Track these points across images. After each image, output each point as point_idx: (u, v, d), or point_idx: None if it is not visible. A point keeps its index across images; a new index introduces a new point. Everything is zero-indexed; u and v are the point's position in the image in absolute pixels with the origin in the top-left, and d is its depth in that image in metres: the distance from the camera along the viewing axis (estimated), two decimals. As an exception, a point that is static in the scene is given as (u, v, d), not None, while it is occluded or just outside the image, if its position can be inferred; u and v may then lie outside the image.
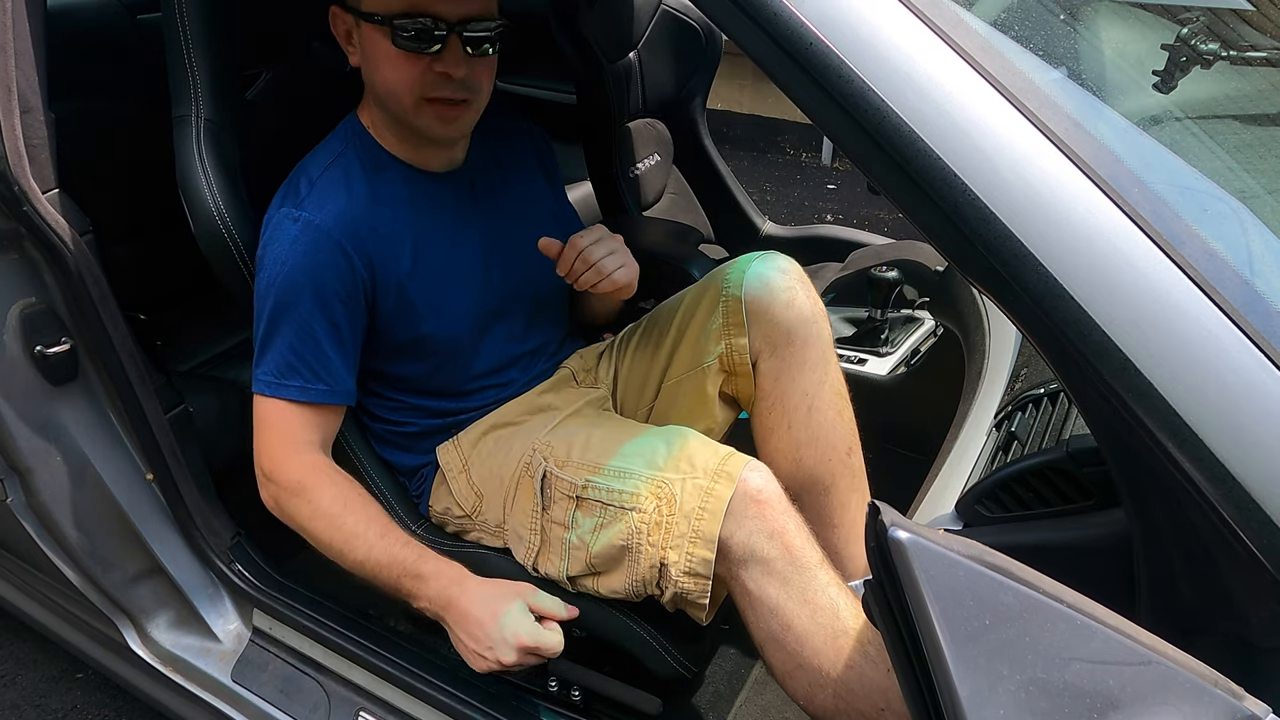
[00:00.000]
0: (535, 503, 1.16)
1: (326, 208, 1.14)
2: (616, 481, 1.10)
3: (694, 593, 1.06)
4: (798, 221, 3.33)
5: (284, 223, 1.14)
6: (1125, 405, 0.68)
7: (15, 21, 1.16)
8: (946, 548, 0.58)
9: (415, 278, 1.20)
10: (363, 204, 1.17)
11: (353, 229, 1.15)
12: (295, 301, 1.13)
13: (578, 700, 1.21)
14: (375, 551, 1.12)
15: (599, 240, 1.22)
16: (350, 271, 1.15)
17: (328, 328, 1.15)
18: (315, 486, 1.15)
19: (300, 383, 1.14)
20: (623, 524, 1.07)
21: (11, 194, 1.17)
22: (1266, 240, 0.83)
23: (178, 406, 1.37)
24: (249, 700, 1.39)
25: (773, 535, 1.04)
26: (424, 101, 1.13)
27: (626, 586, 1.10)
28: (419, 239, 1.21)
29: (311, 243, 1.12)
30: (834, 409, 1.25)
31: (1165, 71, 1.10)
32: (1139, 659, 0.58)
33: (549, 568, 1.16)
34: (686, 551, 1.04)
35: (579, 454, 1.15)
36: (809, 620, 1.03)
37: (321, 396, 1.16)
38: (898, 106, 0.70)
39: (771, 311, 1.23)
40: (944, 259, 0.90)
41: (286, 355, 1.14)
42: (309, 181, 1.17)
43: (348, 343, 1.17)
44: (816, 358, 1.24)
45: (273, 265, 1.13)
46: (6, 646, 1.89)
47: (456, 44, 1.10)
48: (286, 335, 1.14)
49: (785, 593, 1.04)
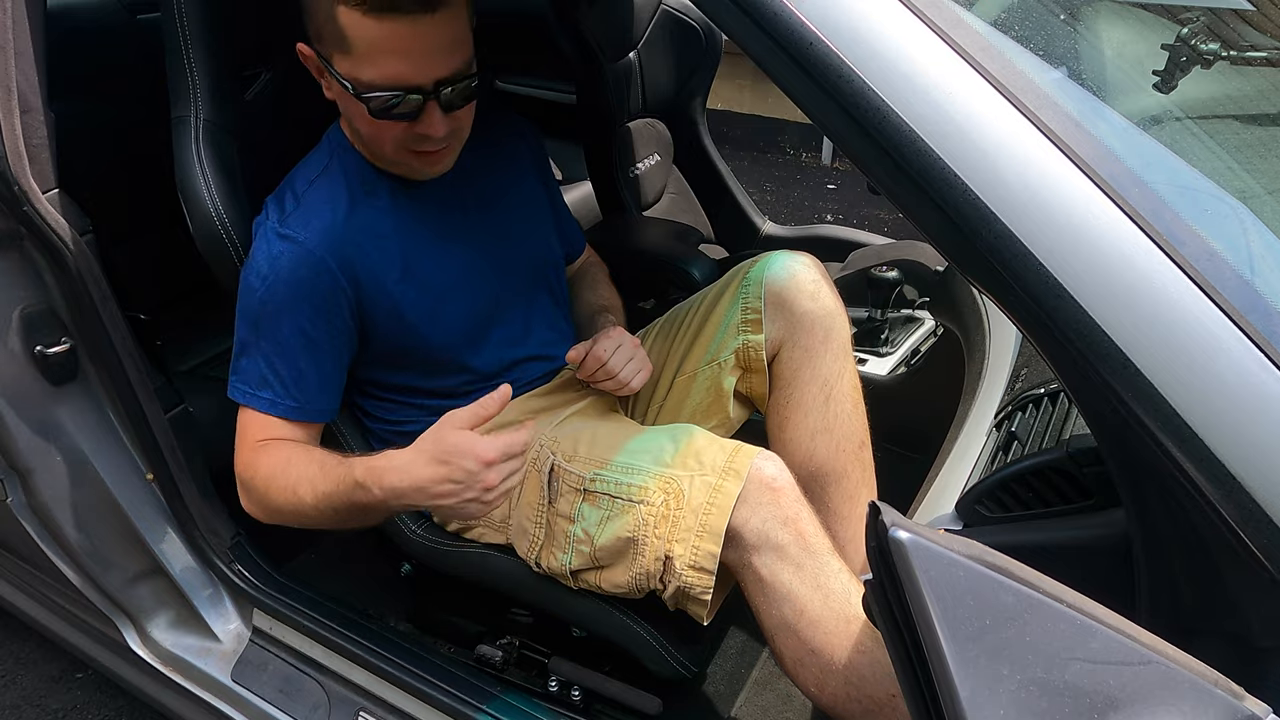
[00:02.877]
0: (541, 496, 1.16)
1: (311, 225, 1.13)
2: (624, 475, 1.10)
3: (697, 588, 1.06)
4: (798, 221, 3.33)
5: (269, 237, 1.13)
6: (1125, 405, 0.68)
7: (15, 21, 1.16)
8: (947, 548, 0.58)
9: (405, 288, 1.19)
10: (348, 218, 1.15)
11: (338, 245, 1.13)
12: (274, 317, 1.12)
13: (578, 700, 1.22)
14: (320, 485, 1.06)
15: (620, 347, 1.25)
16: (333, 288, 1.13)
17: (306, 345, 1.13)
18: (265, 461, 1.12)
19: (271, 396, 1.14)
20: (629, 516, 1.08)
21: (11, 194, 1.17)
22: (1266, 240, 0.83)
23: (178, 406, 1.37)
24: (249, 700, 1.39)
25: (786, 522, 1.05)
26: (405, 152, 1.12)
27: (629, 580, 1.10)
28: (407, 249, 1.19)
29: (295, 260, 1.11)
30: (851, 401, 1.27)
31: (1165, 71, 1.10)
32: (1139, 659, 0.58)
33: (552, 561, 1.16)
34: (693, 545, 1.05)
35: (586, 449, 1.16)
36: (822, 606, 1.04)
37: (290, 413, 1.15)
38: (898, 106, 0.70)
39: (797, 302, 1.25)
40: (944, 259, 0.90)
41: (261, 368, 1.13)
42: (294, 197, 1.16)
43: (326, 361, 1.16)
44: (838, 349, 1.27)
45: (255, 279, 1.12)
46: (6, 646, 1.89)
47: (434, 108, 1.06)
48: (264, 348, 1.13)
49: (799, 578, 1.04)
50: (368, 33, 1.00)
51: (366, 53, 1.02)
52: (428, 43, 1.02)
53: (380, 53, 1.01)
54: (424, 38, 1.01)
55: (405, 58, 1.02)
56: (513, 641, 1.27)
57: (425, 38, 1.01)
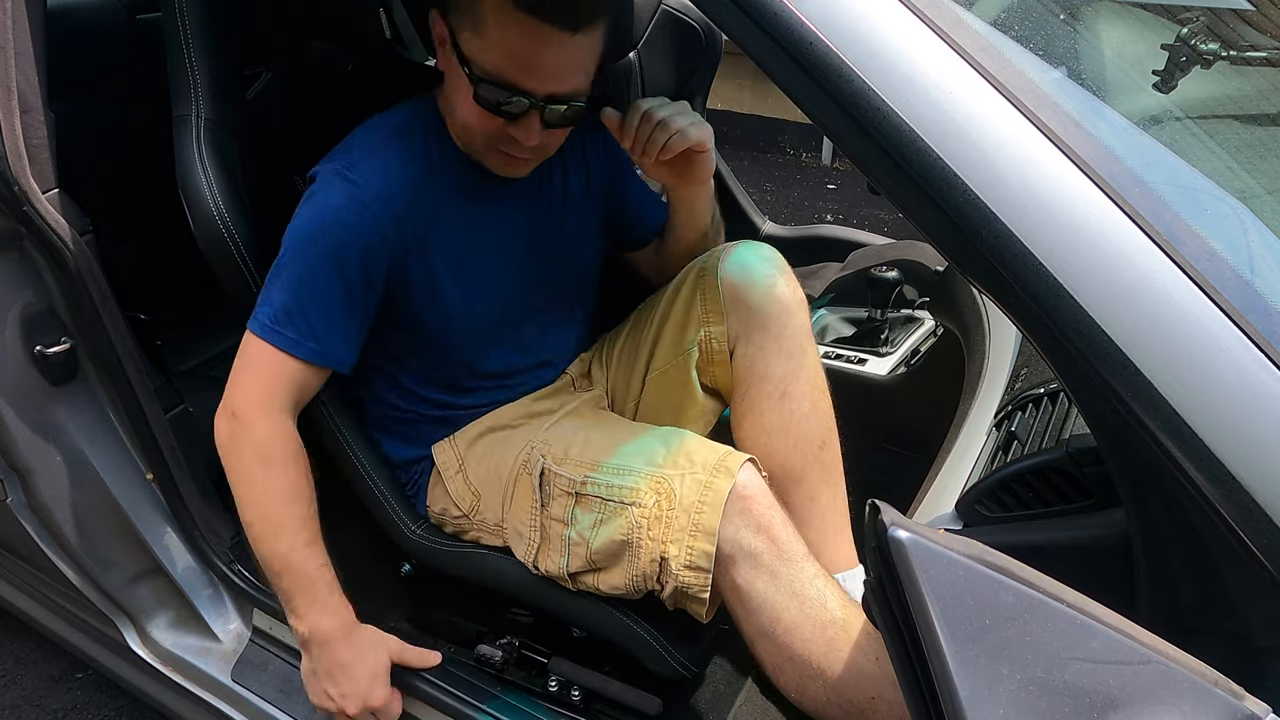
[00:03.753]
0: (534, 500, 1.16)
1: (378, 176, 1.12)
2: (615, 478, 1.10)
3: (694, 587, 1.06)
4: (798, 221, 3.32)
5: (330, 179, 1.12)
6: (1125, 405, 0.68)
7: (15, 21, 1.16)
8: (946, 547, 0.58)
9: (449, 272, 1.19)
10: (417, 184, 1.15)
11: (399, 203, 1.13)
12: (315, 255, 1.10)
13: (578, 700, 1.21)
14: (294, 556, 1.11)
15: (663, 103, 1.17)
16: (380, 241, 1.12)
17: (340, 289, 1.12)
18: (277, 460, 1.12)
19: (294, 335, 1.10)
20: (622, 519, 1.07)
21: (11, 194, 1.17)
22: (1266, 240, 0.83)
23: (178, 406, 1.37)
24: (249, 700, 1.39)
25: (759, 530, 1.05)
26: (493, 147, 1.13)
27: (627, 582, 1.10)
28: (465, 236, 1.19)
29: (349, 204, 1.10)
30: (809, 400, 1.24)
31: (1165, 71, 1.10)
32: (1139, 658, 0.58)
33: (549, 564, 1.16)
34: (687, 545, 1.04)
35: (578, 452, 1.15)
36: (798, 612, 1.04)
37: (310, 355, 1.12)
38: (898, 106, 0.70)
39: (749, 297, 1.22)
40: (944, 259, 0.90)
41: (289, 302, 1.10)
42: (368, 148, 1.15)
43: (357, 309, 1.14)
44: (792, 346, 1.23)
45: (306, 216, 1.12)
46: (6, 646, 1.89)
47: (535, 117, 1.07)
48: (296, 284, 1.11)
49: (774, 586, 1.04)
50: (507, 25, 1.00)
51: (498, 42, 1.02)
52: (557, 58, 1.03)
53: (511, 48, 1.02)
54: (556, 52, 1.02)
55: (532, 63, 1.03)
56: (513, 641, 1.27)
57: (557, 52, 1.02)
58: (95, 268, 1.24)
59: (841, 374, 1.80)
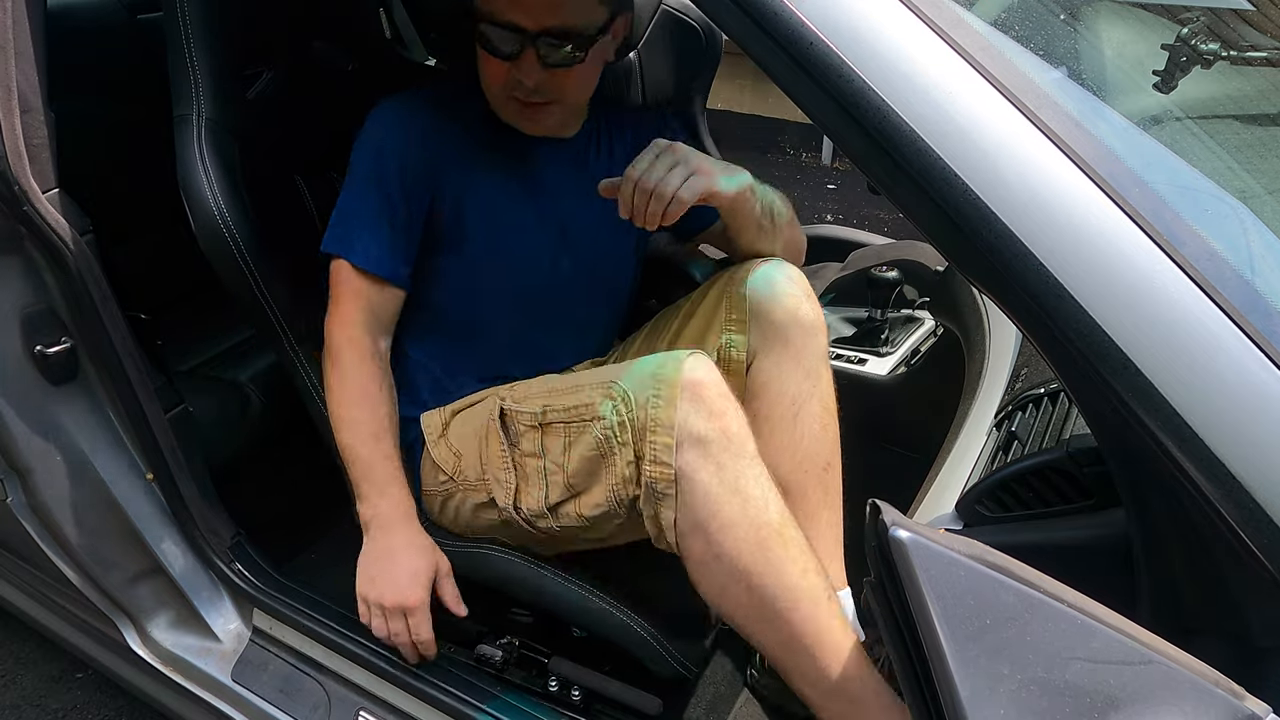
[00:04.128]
0: (502, 443, 1.17)
1: (427, 110, 1.24)
2: (571, 398, 1.11)
3: (661, 482, 1.04)
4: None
5: (384, 106, 1.25)
6: (1125, 405, 0.68)
7: (15, 21, 1.16)
8: (947, 547, 0.58)
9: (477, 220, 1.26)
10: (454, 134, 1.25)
11: (432, 140, 1.23)
12: (366, 167, 1.22)
13: (578, 700, 1.22)
14: (360, 449, 1.18)
15: (656, 159, 1.13)
16: (417, 159, 1.22)
17: (382, 200, 1.21)
18: (347, 363, 1.20)
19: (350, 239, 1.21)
20: (589, 435, 1.08)
21: (11, 194, 1.17)
22: (1266, 240, 0.84)
23: (178, 406, 1.36)
24: (249, 700, 1.39)
25: (711, 416, 1.03)
26: (508, 97, 1.22)
27: (608, 497, 1.08)
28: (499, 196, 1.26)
29: (396, 122, 1.23)
30: (819, 422, 1.24)
31: (1165, 71, 1.10)
32: (1139, 658, 0.59)
33: (530, 501, 1.15)
34: (649, 441, 1.04)
35: (537, 389, 1.18)
36: (738, 510, 1.02)
37: (366, 263, 1.20)
38: (898, 106, 0.70)
39: (773, 313, 1.23)
40: (944, 259, 0.90)
41: (344, 211, 1.22)
42: (426, 93, 1.28)
43: (400, 224, 1.22)
44: (810, 367, 1.24)
45: (361, 143, 1.23)
46: (6, 646, 1.89)
47: (532, 54, 1.15)
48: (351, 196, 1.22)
49: (719, 478, 1.02)
50: None
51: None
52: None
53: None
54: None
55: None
56: (513, 641, 1.27)
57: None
58: (95, 268, 1.24)
59: (841, 374, 1.80)
